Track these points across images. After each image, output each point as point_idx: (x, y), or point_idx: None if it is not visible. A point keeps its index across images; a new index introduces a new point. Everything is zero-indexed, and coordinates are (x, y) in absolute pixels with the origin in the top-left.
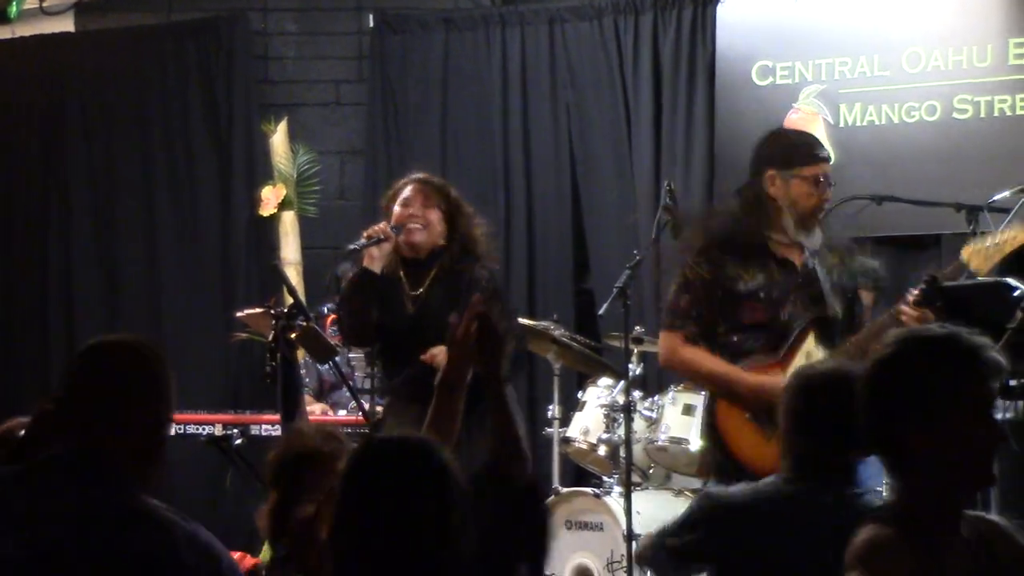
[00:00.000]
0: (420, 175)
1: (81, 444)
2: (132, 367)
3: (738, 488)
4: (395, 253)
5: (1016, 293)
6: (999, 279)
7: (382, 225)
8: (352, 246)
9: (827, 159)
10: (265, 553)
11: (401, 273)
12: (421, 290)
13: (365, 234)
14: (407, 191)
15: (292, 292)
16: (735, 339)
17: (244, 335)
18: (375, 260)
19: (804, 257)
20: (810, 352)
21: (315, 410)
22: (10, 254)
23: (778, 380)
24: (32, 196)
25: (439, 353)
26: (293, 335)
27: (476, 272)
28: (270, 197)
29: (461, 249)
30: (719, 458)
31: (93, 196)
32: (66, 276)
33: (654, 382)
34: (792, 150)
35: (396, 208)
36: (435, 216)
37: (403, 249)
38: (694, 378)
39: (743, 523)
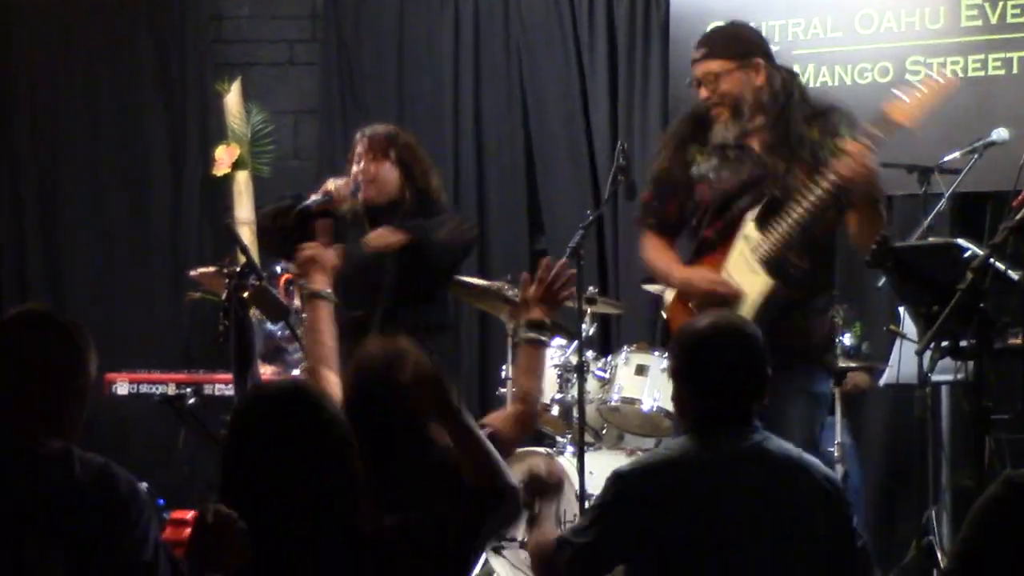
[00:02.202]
0: (368, 129)
1: None
2: (29, 340)
3: (644, 457)
4: (362, 206)
5: (967, 254)
6: (950, 240)
7: (341, 181)
8: (305, 203)
9: (696, 60)
10: None
11: (366, 223)
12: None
13: (322, 189)
14: (358, 147)
15: (244, 251)
16: (694, 224)
17: (197, 294)
18: (341, 203)
19: (762, 141)
20: (748, 236)
21: (265, 371)
22: None
23: (703, 273)
24: None
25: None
26: (245, 294)
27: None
28: (224, 157)
29: (417, 199)
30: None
31: (42, 157)
32: (15, 231)
33: (606, 342)
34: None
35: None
36: (386, 168)
37: (367, 202)
38: (649, 271)
39: (664, 487)
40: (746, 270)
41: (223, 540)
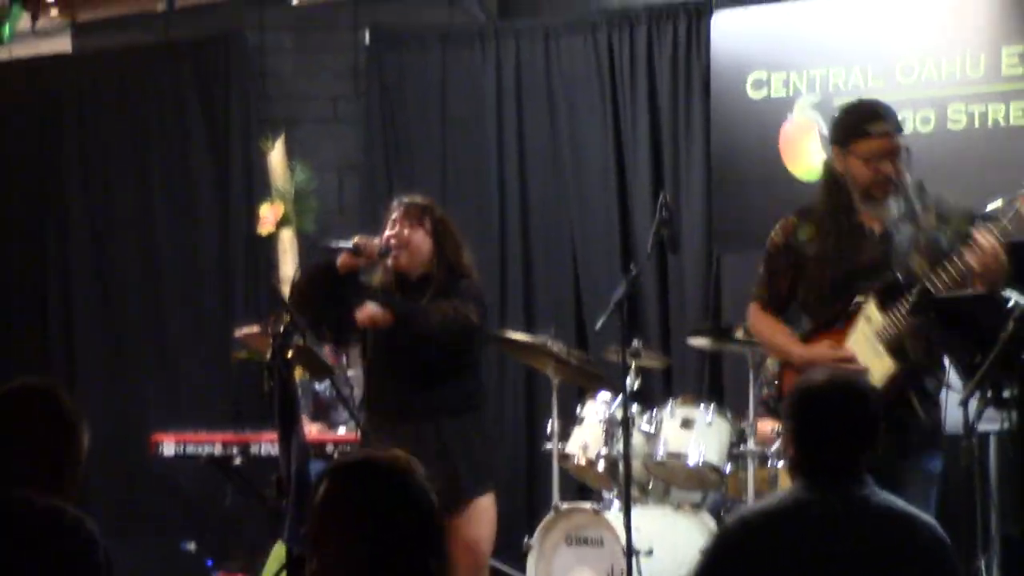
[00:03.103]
0: (406, 197)
1: None
2: (26, 414)
3: (754, 507)
4: (392, 272)
5: (1010, 303)
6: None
7: (372, 240)
8: (331, 245)
9: (889, 132)
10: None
11: (397, 293)
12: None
13: (353, 241)
14: (393, 214)
15: (288, 310)
16: (809, 304)
17: (244, 354)
18: (369, 255)
19: (885, 223)
20: (871, 317)
21: (311, 430)
22: (9, 276)
23: (825, 351)
24: (30, 217)
25: (365, 309)
26: (289, 353)
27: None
28: (268, 215)
29: (448, 271)
30: None
31: (91, 215)
32: (65, 296)
33: (652, 396)
34: (848, 125)
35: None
36: (420, 237)
37: (397, 268)
38: (762, 346)
39: (767, 540)
40: (869, 351)
41: None
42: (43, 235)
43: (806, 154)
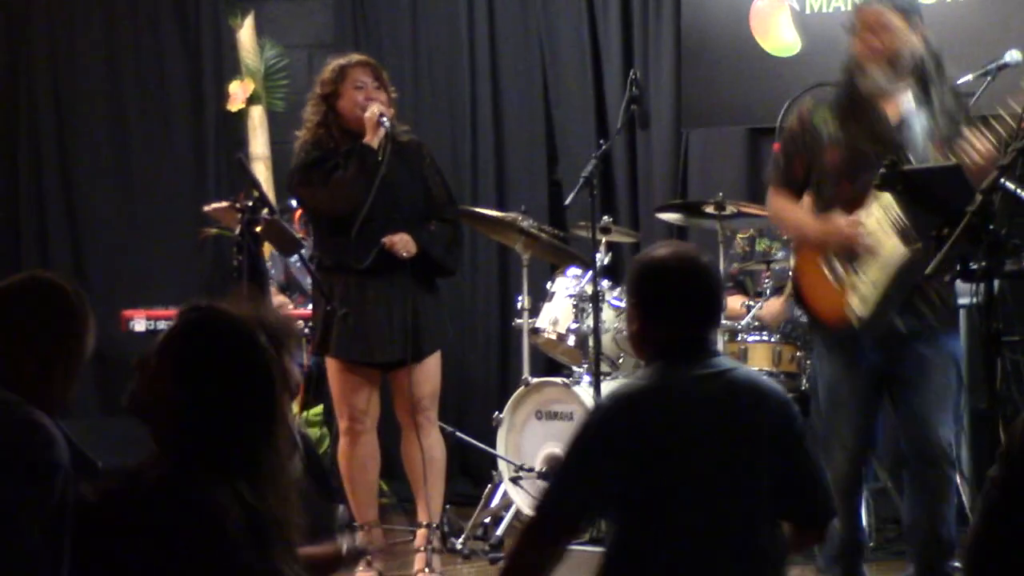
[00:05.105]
0: (355, 57)
1: None
2: (24, 306)
3: (619, 390)
4: (340, 130)
5: None
6: (959, 163)
7: (380, 109)
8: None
9: (874, 5)
10: None
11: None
12: (381, 162)
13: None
14: (359, 78)
15: (256, 185)
16: (824, 186)
17: (214, 230)
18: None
19: (901, 111)
20: (880, 199)
21: (278, 301)
22: None
23: (840, 224)
24: None
25: (399, 241)
26: (258, 228)
27: (423, 148)
28: (238, 92)
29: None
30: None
31: (58, 93)
32: (36, 173)
33: (623, 272)
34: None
35: (354, 92)
36: (384, 96)
37: (351, 125)
38: (779, 226)
39: (634, 416)
40: (879, 232)
41: None
42: (14, 115)
43: (776, 28)
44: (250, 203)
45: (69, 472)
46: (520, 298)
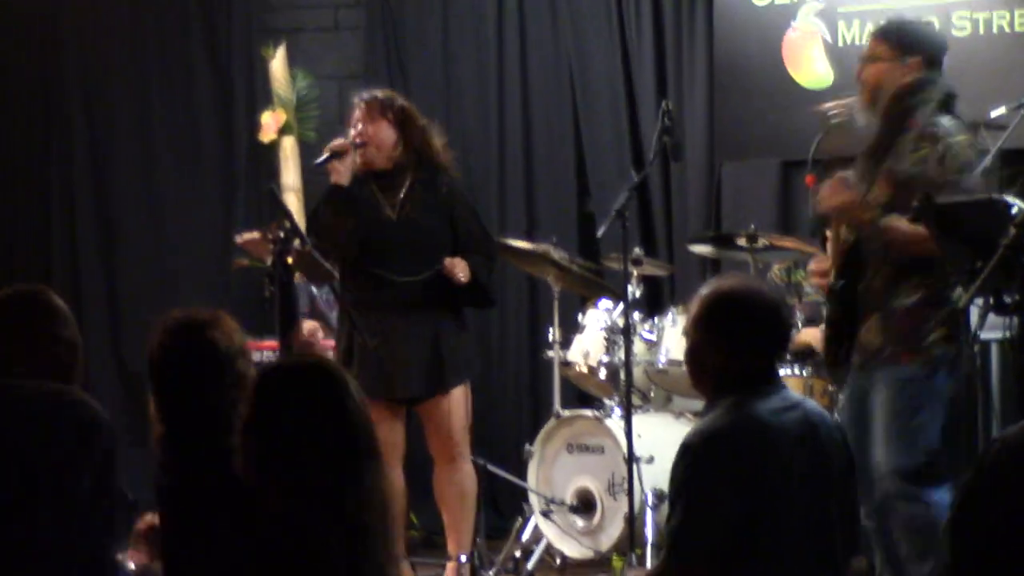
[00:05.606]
0: (365, 93)
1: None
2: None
3: (710, 426)
4: (364, 170)
5: (1013, 210)
6: (995, 195)
7: (341, 140)
8: (316, 162)
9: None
10: None
11: (374, 186)
12: (400, 197)
13: (326, 149)
14: (355, 112)
15: (288, 216)
16: None
17: (245, 261)
18: (342, 175)
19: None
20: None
21: (308, 327)
22: (12, 186)
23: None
24: (32, 126)
25: (458, 264)
26: (290, 259)
27: (453, 183)
28: (270, 123)
29: (419, 158)
30: None
31: (91, 123)
32: (68, 201)
33: (654, 304)
34: None
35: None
36: (383, 129)
37: (366, 164)
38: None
39: (744, 453)
40: None
41: None
42: (46, 143)
43: (809, 62)
44: (282, 234)
45: (110, 429)
46: (551, 330)
